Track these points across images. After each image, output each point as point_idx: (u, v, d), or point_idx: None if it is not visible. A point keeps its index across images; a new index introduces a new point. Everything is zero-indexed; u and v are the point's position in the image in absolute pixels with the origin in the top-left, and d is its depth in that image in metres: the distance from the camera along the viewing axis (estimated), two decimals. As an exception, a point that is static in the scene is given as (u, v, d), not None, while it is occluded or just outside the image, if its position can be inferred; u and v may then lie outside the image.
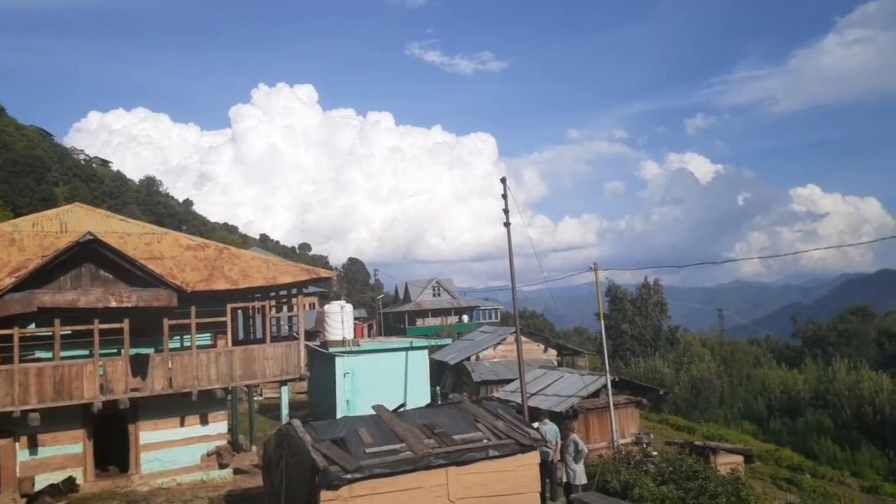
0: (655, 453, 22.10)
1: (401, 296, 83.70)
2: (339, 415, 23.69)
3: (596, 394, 24.68)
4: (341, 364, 26.07)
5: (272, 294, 21.75)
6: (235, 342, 19.97)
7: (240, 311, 22.22)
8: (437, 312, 77.33)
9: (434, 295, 79.82)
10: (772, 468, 27.81)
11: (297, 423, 11.50)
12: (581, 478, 15.46)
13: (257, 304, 20.52)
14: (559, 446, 16.25)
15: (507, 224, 23.24)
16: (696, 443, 25.95)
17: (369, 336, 49.60)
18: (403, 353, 27.39)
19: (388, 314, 77.73)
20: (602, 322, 26.65)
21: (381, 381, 25.95)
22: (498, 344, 40.74)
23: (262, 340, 19.73)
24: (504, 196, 23.26)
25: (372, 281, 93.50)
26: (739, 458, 23.71)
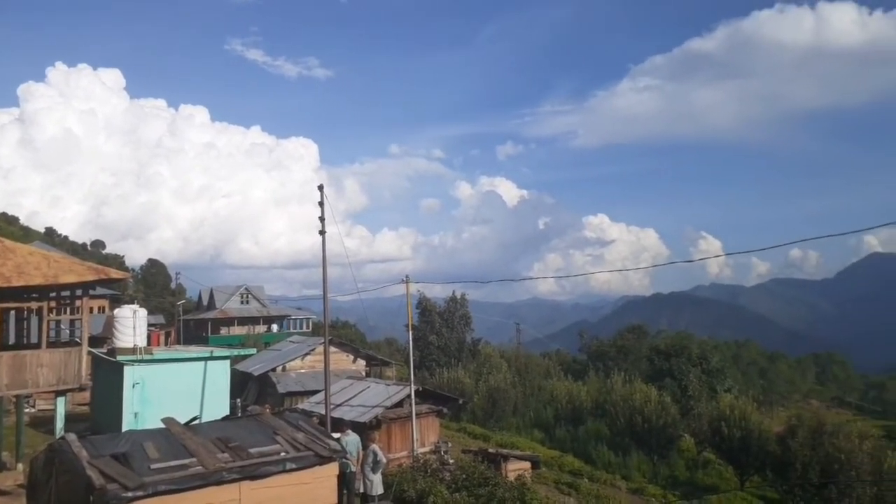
0: (452, 461, 23.02)
1: (205, 302, 79.06)
2: (124, 428, 21.82)
3: (400, 404, 25.19)
4: (130, 373, 24.02)
5: (53, 294, 19.59)
6: (4, 347, 17.70)
7: (12, 313, 19.74)
8: (244, 321, 74.10)
9: (242, 302, 76.42)
10: (555, 473, 30.16)
11: (72, 437, 10.47)
12: (378, 488, 15.70)
13: (33, 305, 18.37)
14: (360, 457, 16.38)
15: (322, 232, 23.09)
16: (490, 450, 27.46)
17: (166, 344, 46.28)
18: (202, 362, 25.90)
19: (190, 321, 73.10)
20: (410, 333, 27.33)
21: (176, 392, 24.31)
22: (306, 354, 40.05)
23: (38, 345, 17.68)
24: (321, 204, 23.10)
25: (173, 285, 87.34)
26: (527, 465, 25.44)
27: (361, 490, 15.90)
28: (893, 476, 29.64)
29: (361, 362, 42.12)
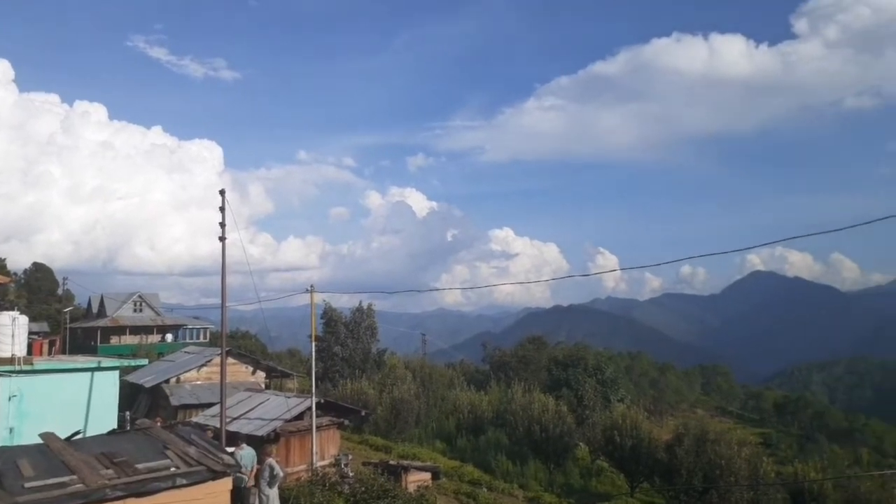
0: (352, 474, 22.85)
1: (94, 310, 74.59)
2: (-3, 445, 20.30)
3: (300, 416, 24.78)
4: (6, 385, 22.40)
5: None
6: None
7: None
8: (136, 330, 70.45)
9: (135, 310, 72.61)
10: (455, 483, 30.47)
11: (-65, 456, 9.70)
12: (274, 503, 15.40)
13: None
14: (255, 471, 16.02)
15: (222, 238, 22.47)
16: (391, 462, 27.42)
17: (50, 354, 43.26)
18: (88, 373, 24.50)
19: (78, 330, 68.72)
20: (313, 344, 26.97)
21: (59, 405, 22.83)
22: (202, 365, 38.64)
23: None
24: (222, 209, 22.48)
25: (60, 291, 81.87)
26: (427, 476, 25.62)
27: (257, 505, 15.54)
28: (768, 480, 31.95)
29: (261, 374, 41.08)
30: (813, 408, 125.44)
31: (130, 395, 36.46)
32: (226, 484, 11.08)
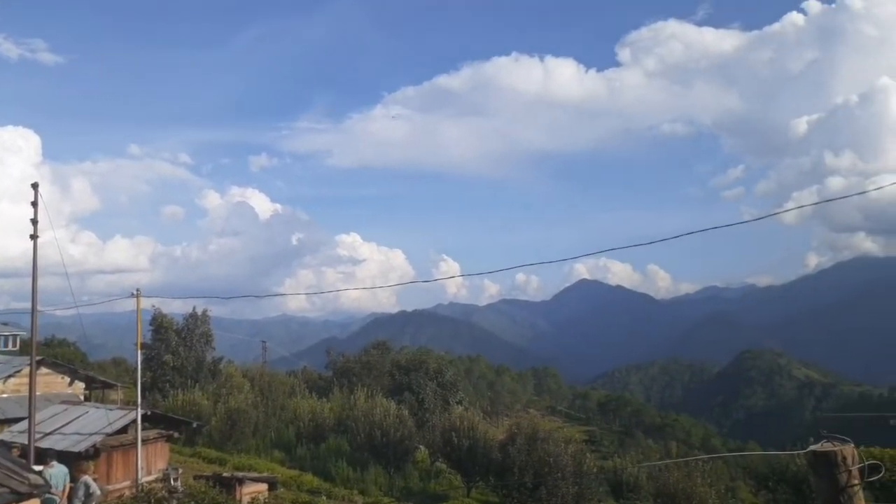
0: (182, 488, 21.67)
1: None
2: None
3: (125, 429, 23.12)
4: None
5: None
6: None
7: None
8: (-75, 337, 61.67)
9: (-77, 315, 63.55)
10: (294, 493, 29.82)
11: None
12: (92, 523, 14.26)
13: None
14: (67, 491, 14.73)
15: (34, 236, 20.46)
16: (225, 474, 26.32)
17: None
18: None
19: None
20: (139, 352, 25.25)
21: None
22: (10, 376, 34.83)
23: None
24: (34, 204, 20.46)
25: None
26: (264, 487, 24.89)
27: (71, 527, 14.29)
28: (591, 475, 34.47)
29: (80, 385, 37.70)
30: (631, 406, 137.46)
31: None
32: (34, 506, 10.13)
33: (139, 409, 22.83)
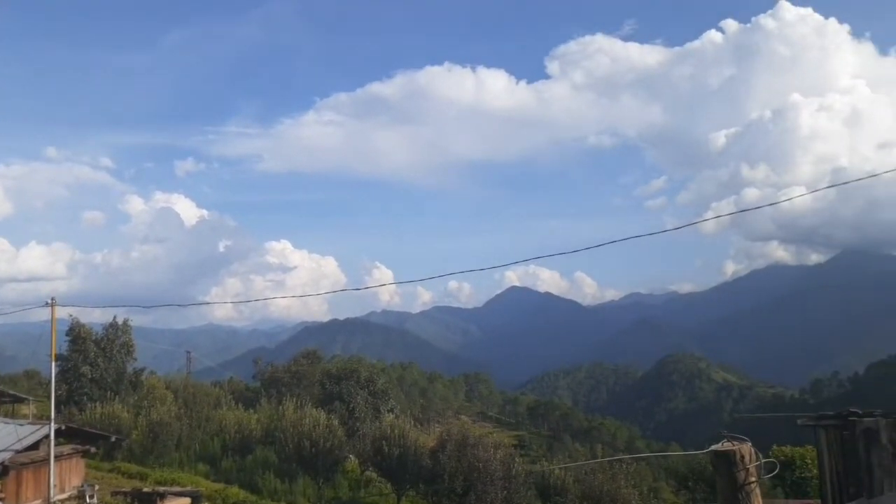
0: (99, 506, 20.85)
1: None
2: None
3: (36, 445, 22.03)
4: None
5: None
6: None
7: None
8: None
9: None
10: (218, 506, 29.17)
11: None
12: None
13: None
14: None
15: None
16: (145, 489, 25.50)
17: None
18: None
19: None
20: (53, 364, 24.13)
21: None
22: None
23: None
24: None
25: None
26: (186, 501, 24.25)
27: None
28: (520, 480, 35.06)
29: (-13, 399, 35.60)
30: (560, 410, 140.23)
31: None
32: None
33: (52, 424, 21.83)
